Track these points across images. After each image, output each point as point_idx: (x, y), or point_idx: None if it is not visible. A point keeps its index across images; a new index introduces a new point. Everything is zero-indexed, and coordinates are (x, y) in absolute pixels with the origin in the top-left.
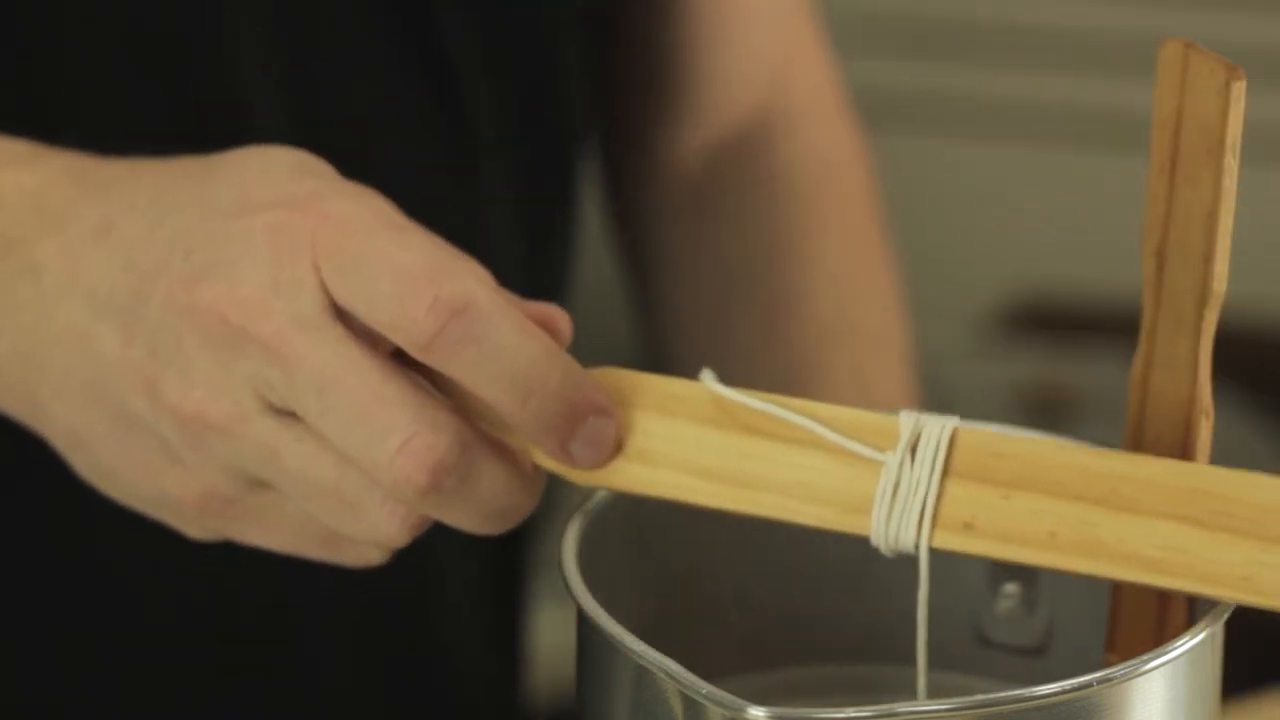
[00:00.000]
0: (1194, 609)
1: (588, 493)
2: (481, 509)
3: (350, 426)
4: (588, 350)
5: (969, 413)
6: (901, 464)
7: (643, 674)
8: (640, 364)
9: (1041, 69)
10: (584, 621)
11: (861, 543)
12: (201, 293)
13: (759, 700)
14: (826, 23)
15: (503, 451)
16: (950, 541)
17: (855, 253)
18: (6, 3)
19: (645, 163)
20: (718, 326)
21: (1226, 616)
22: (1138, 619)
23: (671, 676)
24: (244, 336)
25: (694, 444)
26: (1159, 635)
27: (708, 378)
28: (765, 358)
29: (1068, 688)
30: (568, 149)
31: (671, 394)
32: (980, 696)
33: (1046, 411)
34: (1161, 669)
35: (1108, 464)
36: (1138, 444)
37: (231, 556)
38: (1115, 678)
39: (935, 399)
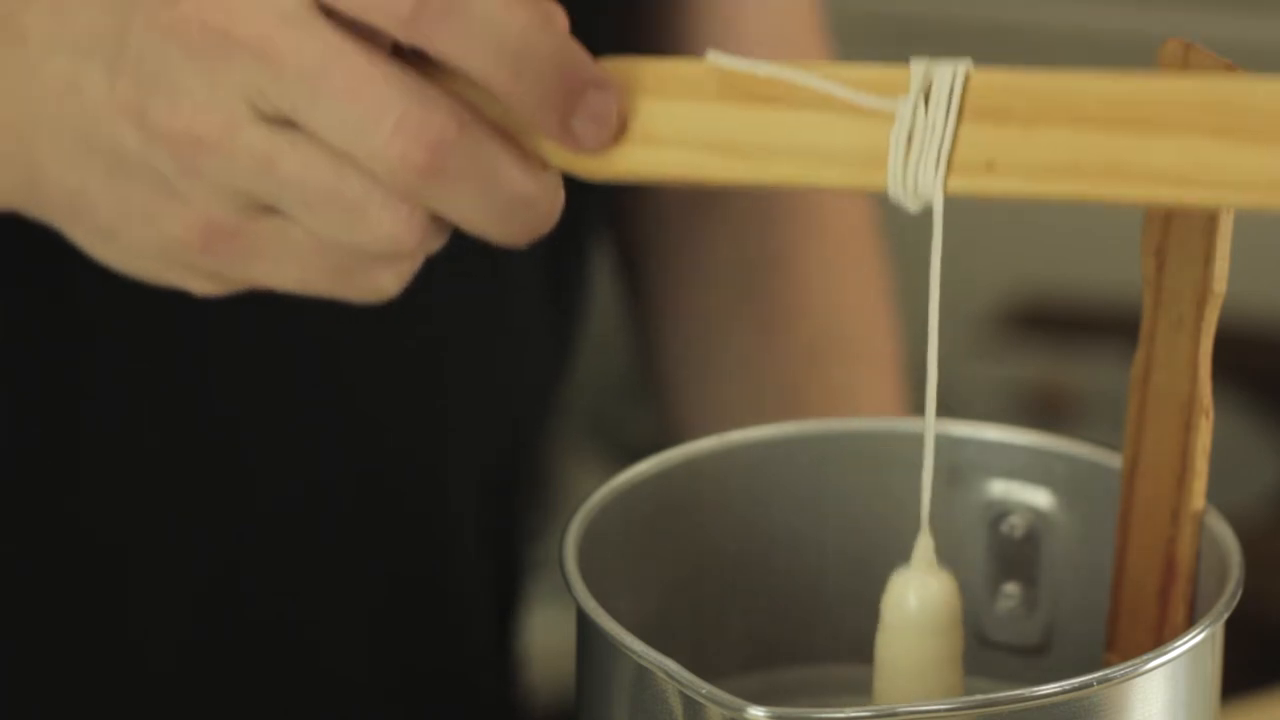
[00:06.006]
0: (1194, 609)
1: (588, 493)
2: (490, 195)
3: (342, 116)
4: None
5: (969, 413)
6: (915, 110)
7: (643, 674)
8: (634, 378)
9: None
10: (584, 621)
11: (863, 544)
12: (181, 6)
13: (759, 700)
14: (827, 23)
15: (508, 138)
16: (972, 184)
17: (849, 262)
18: None
19: None
20: (710, 337)
21: (1226, 617)
22: (1138, 619)
23: (671, 676)
24: (228, 40)
25: (701, 120)
26: (1159, 635)
27: (711, 54)
28: (757, 372)
29: (1068, 688)
30: None
31: (672, 75)
32: (980, 696)
33: (1046, 411)
34: (1161, 669)
35: (1126, 88)
36: (1137, 444)
37: (240, 556)
38: (1115, 678)
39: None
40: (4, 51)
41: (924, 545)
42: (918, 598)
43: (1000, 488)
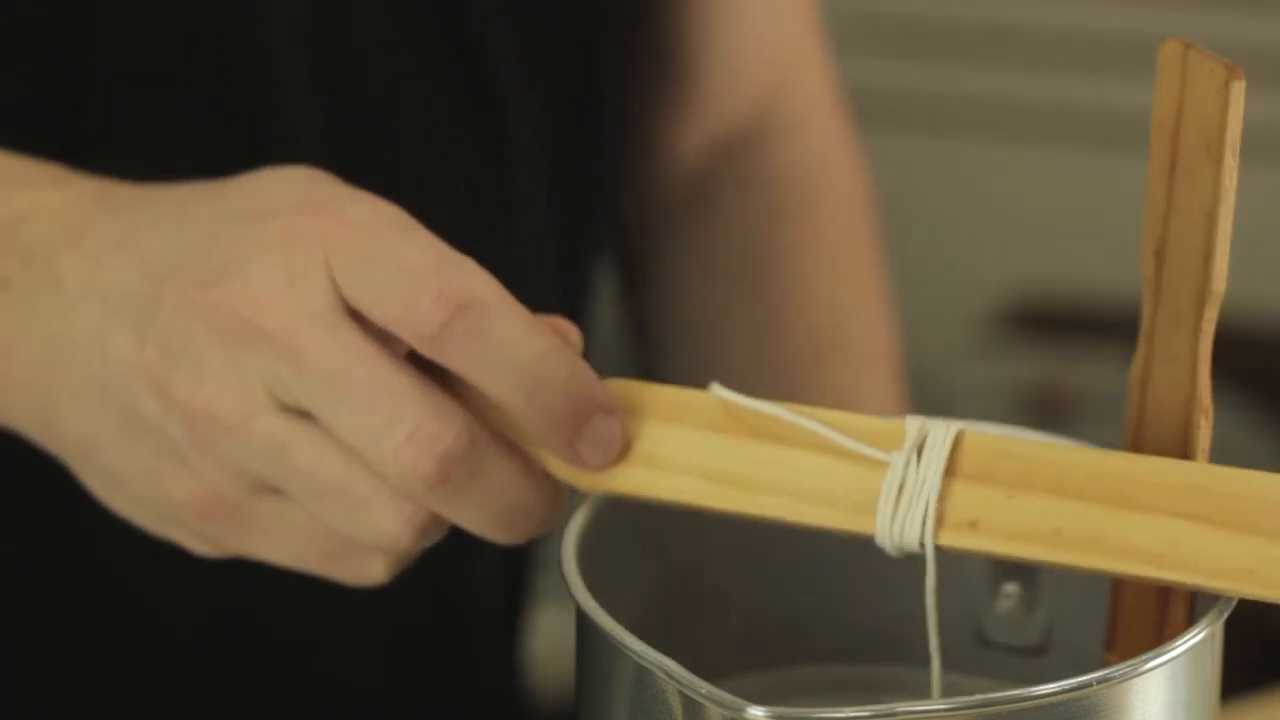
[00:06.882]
0: (1194, 609)
1: (588, 492)
2: (491, 506)
3: (358, 419)
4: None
5: (969, 413)
6: (907, 464)
7: (643, 674)
8: (633, 374)
9: (1041, 69)
10: (584, 621)
11: (863, 543)
12: (214, 291)
13: (759, 700)
14: (826, 23)
15: (514, 452)
16: (955, 539)
17: (847, 262)
18: (39, 19)
19: (644, 161)
20: (710, 336)
21: (1226, 616)
22: (1138, 619)
23: (671, 676)
24: (255, 332)
25: (700, 448)
26: (1159, 635)
27: (715, 387)
28: (756, 372)
29: (1068, 688)
30: (603, 153)
31: (678, 402)
32: (980, 696)
33: (1046, 411)
34: (1161, 669)
35: (1110, 464)
36: (1138, 444)
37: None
38: (1115, 678)
39: (935, 399)
40: (40, 294)
41: None
42: None
43: None
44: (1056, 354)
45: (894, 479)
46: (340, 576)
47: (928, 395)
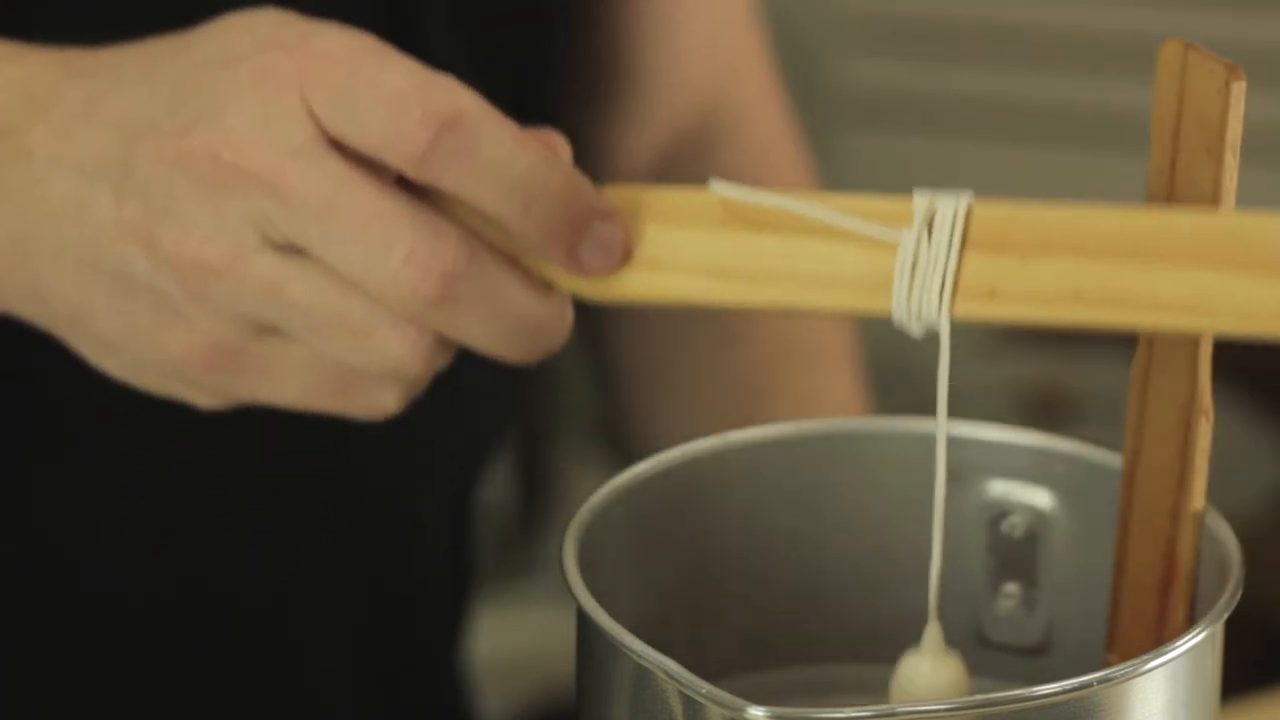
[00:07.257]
0: (1194, 609)
1: (588, 493)
2: (499, 320)
3: (352, 248)
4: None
5: (969, 413)
6: (919, 240)
7: (643, 674)
8: (588, 390)
9: (1041, 69)
10: (584, 621)
11: (861, 542)
12: (190, 140)
13: (759, 700)
14: (827, 23)
15: (516, 264)
16: (975, 310)
17: None
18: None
19: (590, 173)
20: (664, 350)
21: (1226, 616)
22: (1138, 619)
23: (671, 676)
24: (237, 174)
25: (705, 247)
26: (1159, 635)
27: (715, 183)
28: (714, 380)
29: (1068, 688)
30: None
31: (677, 203)
32: (980, 696)
33: (1046, 411)
34: (1161, 669)
35: (1128, 220)
36: (1137, 444)
37: (238, 572)
38: (1115, 678)
39: (935, 399)
40: (8, 170)
41: (933, 632)
42: (926, 685)
43: (1000, 488)
44: (1056, 354)
45: (906, 256)
46: (351, 411)
47: (928, 395)
